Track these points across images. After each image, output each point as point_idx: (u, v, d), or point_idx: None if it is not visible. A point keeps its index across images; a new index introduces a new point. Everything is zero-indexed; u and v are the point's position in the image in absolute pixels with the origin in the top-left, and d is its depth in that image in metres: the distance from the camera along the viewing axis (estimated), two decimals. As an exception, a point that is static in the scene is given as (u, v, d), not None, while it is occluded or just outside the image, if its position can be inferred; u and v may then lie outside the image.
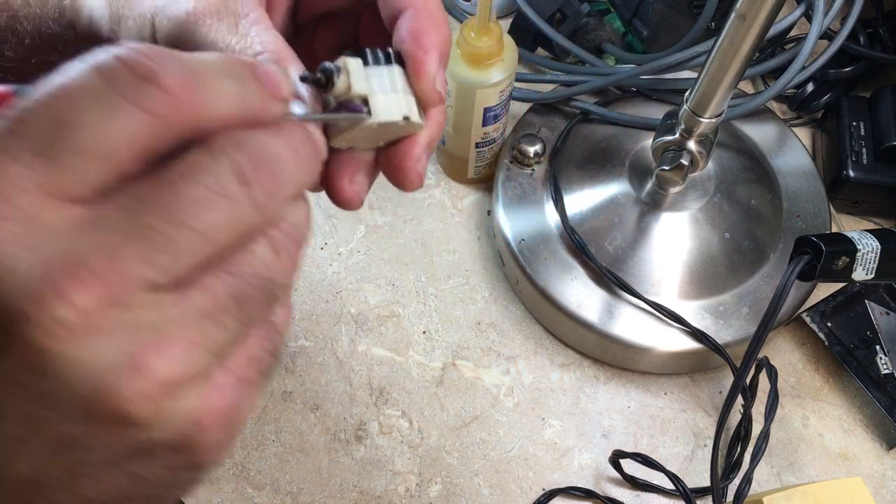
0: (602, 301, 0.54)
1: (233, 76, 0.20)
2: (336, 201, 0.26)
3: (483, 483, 0.52)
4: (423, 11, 0.26)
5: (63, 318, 0.17)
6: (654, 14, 0.65)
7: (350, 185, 0.26)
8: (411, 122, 0.25)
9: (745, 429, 0.52)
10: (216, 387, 0.20)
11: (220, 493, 0.51)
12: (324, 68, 0.24)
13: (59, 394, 0.18)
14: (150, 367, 0.18)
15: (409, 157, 0.26)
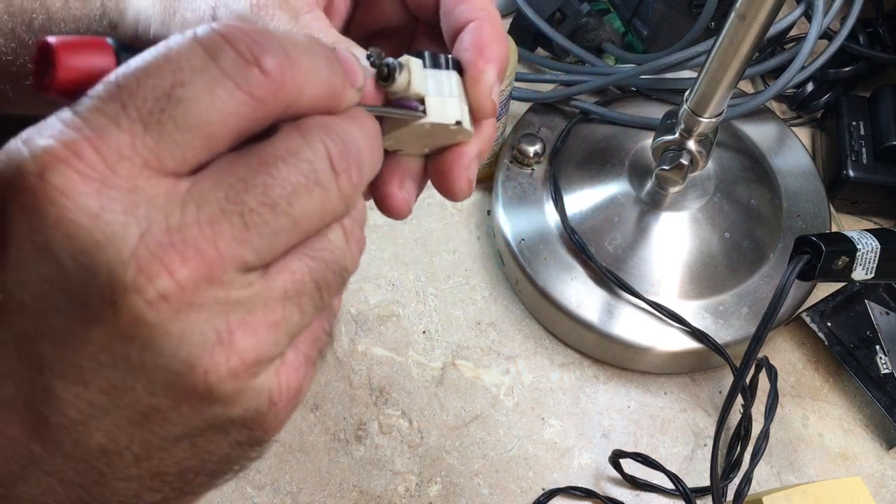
0: (602, 301, 0.54)
1: (322, 58, 0.20)
2: (385, 208, 0.26)
3: (483, 483, 0.52)
4: (488, 25, 0.26)
5: (165, 291, 0.17)
6: (654, 14, 0.65)
7: (399, 191, 0.26)
8: (462, 128, 0.25)
9: (745, 428, 0.52)
10: (289, 366, 0.21)
11: (220, 493, 0.51)
12: (387, 63, 0.24)
13: (149, 365, 0.18)
14: (237, 345, 0.18)
15: (458, 165, 0.26)
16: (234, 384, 0.19)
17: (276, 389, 0.20)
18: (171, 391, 0.19)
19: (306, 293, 0.20)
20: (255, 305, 0.19)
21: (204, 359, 0.18)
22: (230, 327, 0.18)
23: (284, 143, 0.19)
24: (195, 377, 0.18)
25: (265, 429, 0.21)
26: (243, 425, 0.20)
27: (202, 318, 0.18)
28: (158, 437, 0.19)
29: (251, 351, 0.19)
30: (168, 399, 0.19)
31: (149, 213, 0.17)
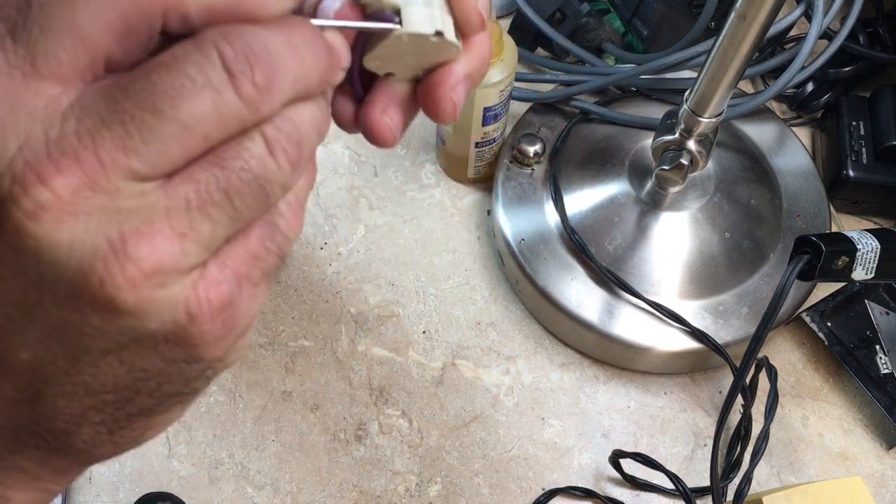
0: (602, 301, 0.54)
1: None
2: (368, 135, 0.25)
3: (483, 483, 0.52)
4: None
5: (42, 200, 0.17)
6: (654, 14, 0.65)
7: (381, 117, 0.24)
8: (445, 40, 0.24)
9: (745, 428, 0.52)
10: (210, 280, 0.20)
11: (220, 493, 0.51)
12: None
13: (47, 276, 0.18)
14: (132, 254, 0.18)
15: (443, 84, 0.24)
16: (134, 294, 0.18)
17: (195, 302, 0.20)
18: (74, 302, 0.18)
19: (215, 203, 0.19)
20: (153, 214, 0.18)
21: (97, 267, 0.18)
22: (122, 236, 0.18)
23: (173, 51, 0.18)
24: (92, 287, 0.18)
25: (193, 343, 0.20)
26: (167, 339, 0.20)
27: (90, 227, 0.18)
28: (80, 350, 0.19)
29: (149, 259, 0.18)
30: (75, 311, 0.19)
31: (27, 127, 0.17)
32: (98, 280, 0.18)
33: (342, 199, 0.63)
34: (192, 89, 0.18)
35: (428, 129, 0.66)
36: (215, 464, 0.52)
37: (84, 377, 0.20)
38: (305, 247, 0.61)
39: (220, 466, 0.52)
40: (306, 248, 0.60)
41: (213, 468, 0.52)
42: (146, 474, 0.52)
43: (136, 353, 0.20)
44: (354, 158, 0.65)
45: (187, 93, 0.18)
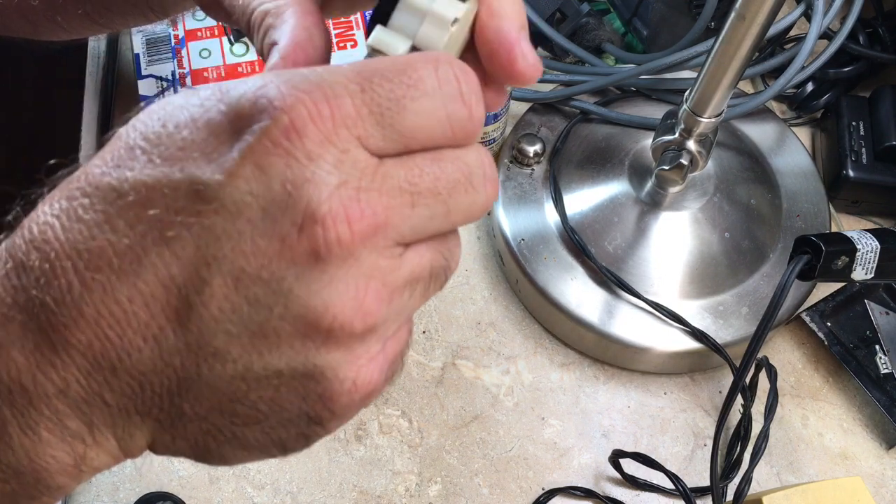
0: (602, 301, 0.54)
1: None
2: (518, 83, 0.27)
3: (483, 483, 0.52)
4: None
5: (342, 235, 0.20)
6: (654, 14, 0.65)
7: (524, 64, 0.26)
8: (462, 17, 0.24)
9: (745, 428, 0.53)
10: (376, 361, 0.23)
11: (220, 493, 0.51)
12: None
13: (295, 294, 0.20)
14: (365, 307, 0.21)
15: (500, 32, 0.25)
16: (346, 339, 0.21)
17: (364, 373, 0.22)
18: (298, 323, 0.21)
19: (422, 280, 0.23)
20: (389, 278, 0.21)
21: (337, 307, 0.21)
22: (368, 288, 0.21)
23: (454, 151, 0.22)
24: (324, 319, 0.21)
25: (333, 407, 0.23)
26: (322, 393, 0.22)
27: (353, 272, 0.21)
28: (261, 363, 0.21)
29: (372, 317, 0.21)
30: (291, 329, 0.21)
31: (349, 172, 0.20)
32: (333, 316, 0.21)
33: (342, 199, 0.63)
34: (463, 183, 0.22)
35: (428, 129, 0.66)
36: (215, 464, 0.52)
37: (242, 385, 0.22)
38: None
39: (220, 466, 0.52)
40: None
41: (213, 468, 0.52)
42: (146, 474, 0.52)
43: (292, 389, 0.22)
44: (354, 158, 0.65)
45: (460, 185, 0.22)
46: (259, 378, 0.22)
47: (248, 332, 0.21)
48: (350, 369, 0.22)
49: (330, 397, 0.22)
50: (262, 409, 0.22)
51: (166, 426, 0.23)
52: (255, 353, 0.21)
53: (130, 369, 0.21)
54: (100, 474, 0.52)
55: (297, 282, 0.20)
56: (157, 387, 0.22)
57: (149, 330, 0.21)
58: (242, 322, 0.21)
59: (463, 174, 0.22)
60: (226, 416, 0.22)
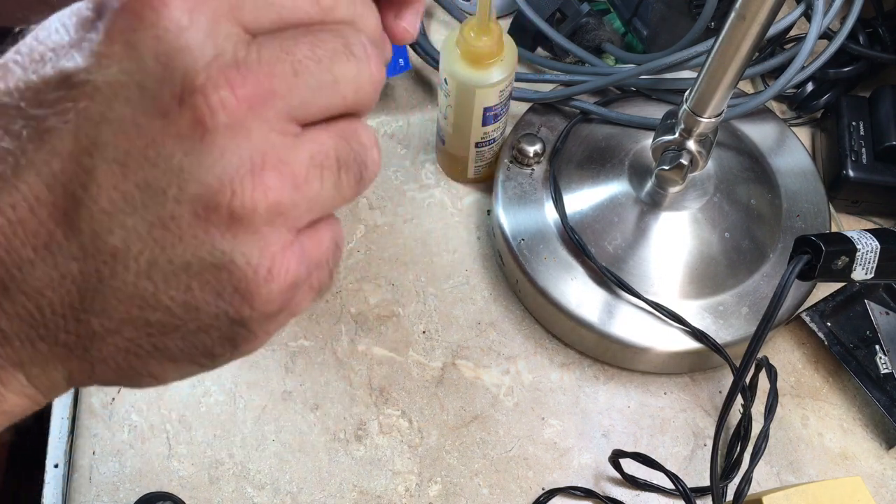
0: (602, 301, 0.54)
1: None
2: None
3: (483, 483, 0.52)
4: None
5: (226, 101, 0.19)
6: (654, 14, 0.65)
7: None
8: None
9: (745, 428, 0.53)
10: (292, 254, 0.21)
11: (220, 493, 0.51)
12: None
13: (187, 170, 0.19)
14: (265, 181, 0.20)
15: None
16: (249, 219, 0.20)
17: (279, 261, 0.21)
18: (196, 205, 0.20)
19: (328, 167, 0.22)
20: (287, 156, 0.20)
21: (234, 181, 0.20)
22: (264, 162, 0.20)
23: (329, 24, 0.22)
24: (222, 196, 0.20)
25: (252, 302, 0.21)
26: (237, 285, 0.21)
27: (245, 143, 0.20)
28: (165, 257, 0.20)
29: (274, 193, 0.20)
30: (190, 214, 0.20)
31: (223, 43, 0.20)
32: (230, 192, 0.20)
33: (342, 199, 0.63)
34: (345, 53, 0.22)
35: (428, 129, 0.66)
36: (215, 464, 0.52)
37: (149, 286, 0.20)
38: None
39: (220, 466, 0.52)
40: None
41: (213, 468, 0.52)
42: (146, 474, 0.52)
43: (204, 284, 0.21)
44: (354, 158, 0.65)
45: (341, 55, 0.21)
46: (166, 276, 0.20)
47: (145, 223, 0.20)
48: (263, 256, 0.21)
49: (246, 288, 0.21)
50: (176, 314, 0.21)
51: (78, 353, 0.21)
52: (157, 247, 0.20)
53: (24, 287, 0.20)
54: (100, 474, 0.52)
55: (188, 158, 0.19)
56: (58, 305, 0.20)
57: (38, 238, 0.20)
58: (137, 212, 0.20)
59: (341, 43, 0.22)
60: (140, 328, 0.21)
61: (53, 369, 0.22)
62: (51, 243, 0.20)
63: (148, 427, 0.53)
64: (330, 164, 0.22)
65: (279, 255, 0.21)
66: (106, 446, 0.52)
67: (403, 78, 0.68)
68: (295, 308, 0.23)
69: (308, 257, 0.22)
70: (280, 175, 0.20)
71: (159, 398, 0.54)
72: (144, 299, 0.21)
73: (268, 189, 0.20)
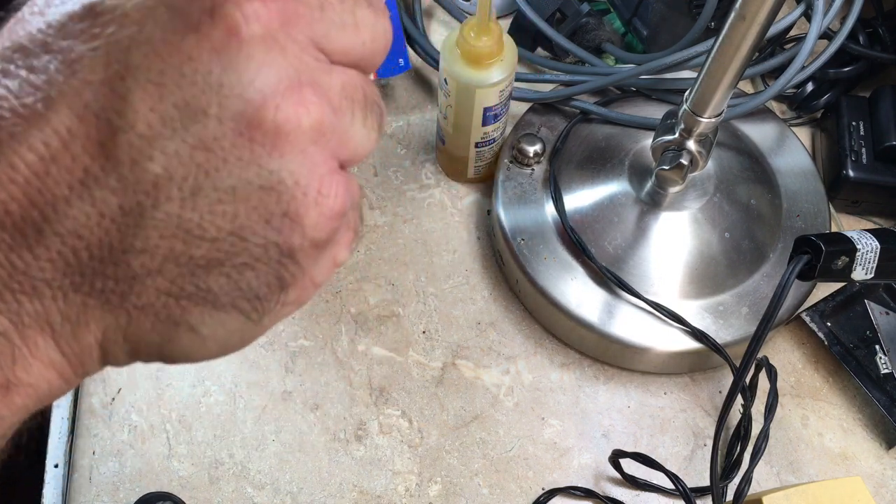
0: (602, 301, 0.54)
1: None
2: None
3: (483, 483, 0.52)
4: None
5: (260, 13, 0.19)
6: (654, 14, 0.65)
7: None
8: None
9: (745, 428, 0.53)
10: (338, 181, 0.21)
11: (220, 493, 0.51)
12: None
13: (227, 86, 0.19)
14: (308, 99, 0.19)
15: None
16: (295, 135, 0.19)
17: (327, 183, 0.20)
18: (239, 122, 0.19)
19: (358, 101, 0.21)
20: (322, 79, 0.20)
21: (277, 95, 0.19)
22: (302, 80, 0.19)
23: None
24: (265, 111, 0.19)
25: (303, 227, 0.20)
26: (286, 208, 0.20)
27: (282, 59, 0.19)
28: (210, 183, 0.19)
29: (317, 110, 0.20)
30: (234, 133, 0.19)
31: None
32: (274, 107, 0.19)
33: (342, 199, 0.63)
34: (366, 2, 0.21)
35: (428, 129, 0.66)
36: (215, 464, 0.52)
37: (194, 216, 0.19)
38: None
39: (220, 466, 0.52)
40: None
41: (213, 468, 0.52)
42: (146, 474, 0.52)
43: (252, 209, 0.20)
44: (354, 158, 0.65)
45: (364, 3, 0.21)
46: (212, 204, 0.19)
47: (186, 146, 0.18)
48: (311, 176, 0.20)
49: (296, 211, 0.20)
50: (223, 246, 0.20)
51: (115, 301, 0.20)
52: (200, 172, 0.19)
53: (59, 229, 0.18)
54: (100, 474, 0.52)
55: (226, 73, 0.18)
56: (96, 247, 0.19)
57: (73, 174, 0.18)
58: (177, 135, 0.18)
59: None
60: (183, 265, 0.19)
61: (85, 329, 0.20)
62: (87, 178, 0.18)
63: (148, 427, 0.53)
64: (359, 99, 0.21)
65: (327, 178, 0.20)
66: (106, 446, 0.52)
67: (403, 78, 0.68)
68: (339, 249, 0.22)
69: (351, 190, 0.21)
70: (319, 94, 0.20)
71: (159, 398, 0.54)
72: (189, 231, 0.19)
73: (311, 104, 0.19)
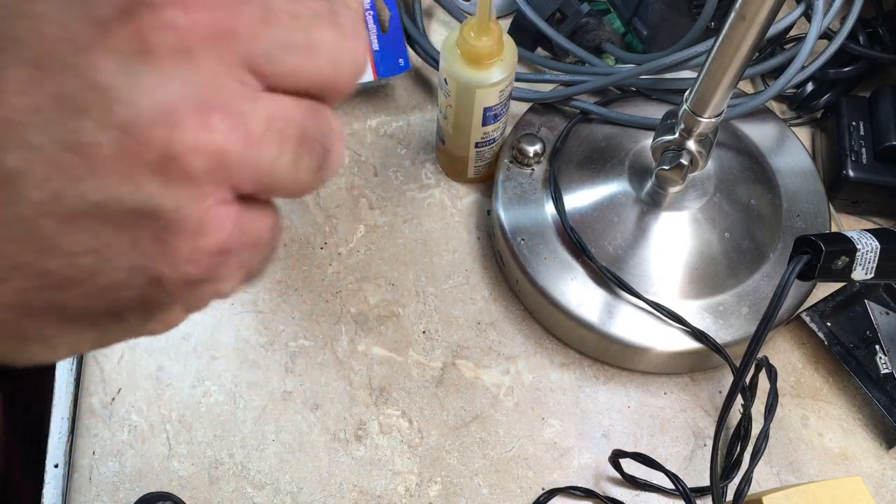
0: (602, 301, 0.54)
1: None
2: None
3: (483, 483, 0.52)
4: None
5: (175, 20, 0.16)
6: (654, 14, 0.65)
7: None
8: None
9: (745, 428, 0.53)
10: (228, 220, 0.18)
11: (220, 493, 0.51)
12: None
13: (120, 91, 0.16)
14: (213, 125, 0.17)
15: None
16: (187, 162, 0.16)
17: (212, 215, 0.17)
18: (124, 133, 0.16)
19: (289, 137, 0.18)
20: (242, 106, 0.17)
21: (177, 113, 0.16)
22: (214, 102, 0.17)
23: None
24: (158, 128, 0.16)
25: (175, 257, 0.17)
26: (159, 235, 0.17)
27: (193, 76, 0.16)
28: (75, 191, 0.16)
29: (222, 139, 0.17)
30: (115, 143, 0.16)
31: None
32: (169, 127, 0.16)
33: (342, 198, 0.63)
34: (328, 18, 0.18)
35: (428, 128, 0.66)
36: (215, 464, 0.52)
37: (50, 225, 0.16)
38: (305, 247, 0.61)
39: (220, 466, 0.52)
40: (306, 247, 0.60)
41: (213, 468, 0.52)
42: (146, 474, 0.52)
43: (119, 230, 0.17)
44: (354, 158, 0.65)
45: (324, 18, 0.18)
46: (73, 215, 0.16)
47: (55, 144, 0.16)
48: (194, 206, 0.17)
49: (170, 240, 0.17)
50: (81, 263, 0.17)
51: None
52: (66, 177, 0.16)
53: None
54: (100, 474, 0.52)
55: (122, 77, 0.16)
56: None
57: None
58: (46, 129, 0.16)
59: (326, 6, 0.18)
60: (33, 277, 0.17)
61: None
62: None
63: (148, 427, 0.53)
64: (291, 135, 0.18)
65: (214, 210, 0.17)
66: (106, 446, 0.52)
67: (403, 78, 0.68)
68: (220, 284, 0.19)
69: (244, 228, 0.19)
70: (231, 122, 0.17)
71: (159, 398, 0.54)
72: (42, 241, 0.16)
73: (215, 132, 0.17)
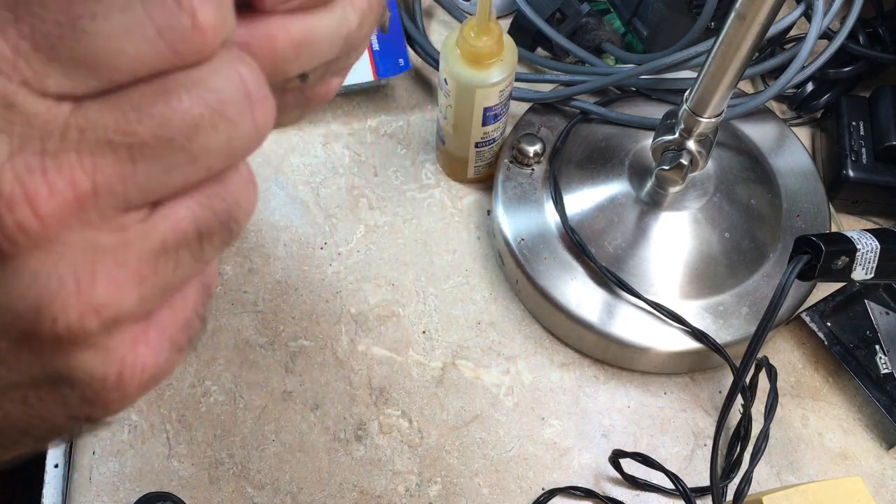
0: (602, 301, 0.54)
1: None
2: None
3: (483, 483, 0.52)
4: None
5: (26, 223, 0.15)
6: (654, 14, 0.65)
7: None
8: None
9: (745, 428, 0.53)
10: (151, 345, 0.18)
11: (220, 493, 0.51)
12: None
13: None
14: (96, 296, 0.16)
15: None
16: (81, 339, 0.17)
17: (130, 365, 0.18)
18: (12, 333, 0.16)
19: (186, 244, 0.18)
20: (126, 256, 0.17)
21: (55, 305, 0.16)
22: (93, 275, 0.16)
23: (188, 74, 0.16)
24: (41, 323, 0.16)
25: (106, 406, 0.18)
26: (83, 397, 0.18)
27: (62, 259, 0.16)
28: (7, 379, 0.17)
29: (110, 306, 0.17)
30: (7, 341, 0.16)
31: (23, 133, 0.15)
32: (52, 319, 0.16)
33: (342, 199, 0.63)
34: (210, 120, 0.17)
35: (428, 129, 0.66)
36: (215, 464, 0.52)
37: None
38: (305, 247, 0.61)
39: (220, 466, 0.52)
40: (306, 248, 0.60)
41: (213, 468, 0.52)
42: (146, 474, 0.52)
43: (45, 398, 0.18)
44: (354, 158, 0.65)
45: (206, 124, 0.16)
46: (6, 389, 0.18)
47: None
48: (108, 365, 0.17)
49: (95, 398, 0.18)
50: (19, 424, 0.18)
51: None
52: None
53: None
54: (100, 474, 0.52)
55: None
56: None
57: None
58: None
59: (207, 106, 0.16)
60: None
61: None
62: None
63: (148, 427, 0.53)
64: (188, 241, 0.18)
65: (129, 356, 0.18)
66: (106, 446, 0.52)
67: (403, 78, 0.68)
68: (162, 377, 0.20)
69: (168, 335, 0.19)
70: (116, 283, 0.17)
71: (159, 398, 0.54)
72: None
73: (102, 307, 0.16)
